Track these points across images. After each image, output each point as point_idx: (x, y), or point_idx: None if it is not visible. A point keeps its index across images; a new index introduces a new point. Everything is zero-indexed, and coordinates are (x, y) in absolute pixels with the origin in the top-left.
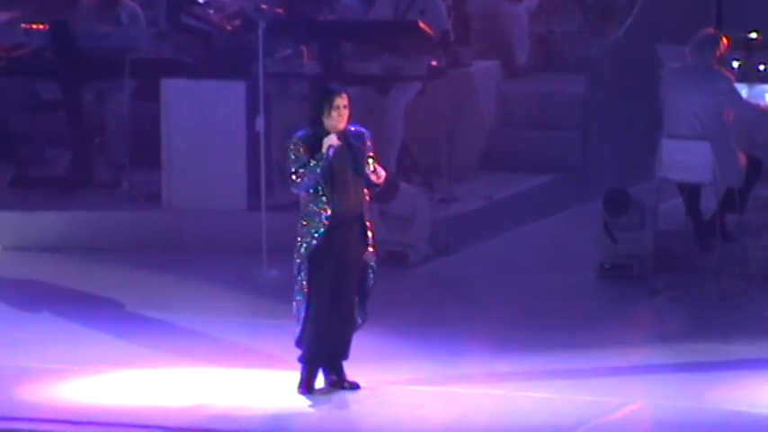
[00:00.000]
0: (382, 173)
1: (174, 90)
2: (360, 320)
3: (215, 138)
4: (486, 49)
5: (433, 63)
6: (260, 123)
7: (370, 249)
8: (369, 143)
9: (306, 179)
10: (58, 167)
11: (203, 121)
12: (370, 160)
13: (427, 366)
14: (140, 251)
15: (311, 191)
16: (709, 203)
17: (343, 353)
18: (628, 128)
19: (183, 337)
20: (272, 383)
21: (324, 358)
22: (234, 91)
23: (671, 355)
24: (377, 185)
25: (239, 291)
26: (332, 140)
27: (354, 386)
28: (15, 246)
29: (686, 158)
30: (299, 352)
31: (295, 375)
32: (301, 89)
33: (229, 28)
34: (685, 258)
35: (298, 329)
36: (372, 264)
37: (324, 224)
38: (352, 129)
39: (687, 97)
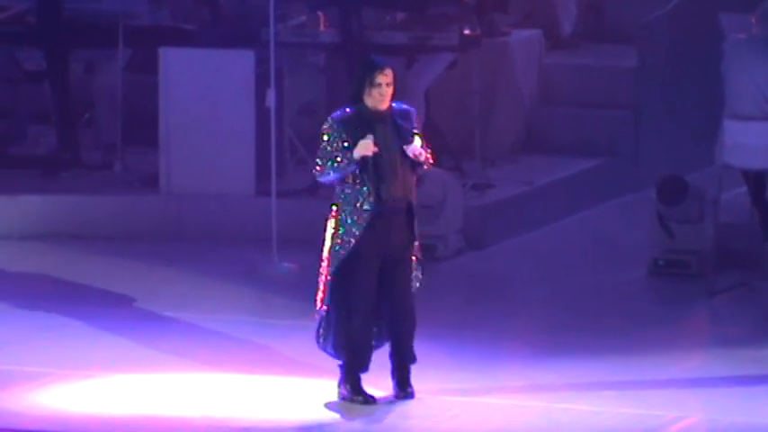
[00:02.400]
0: (426, 153)
1: (173, 60)
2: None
3: (220, 114)
4: (526, 16)
5: (466, 32)
6: (270, 98)
7: (418, 244)
8: (415, 123)
9: (332, 174)
10: (42, 146)
11: (206, 95)
12: (417, 140)
13: (457, 373)
14: (134, 240)
15: (358, 179)
16: None
17: (410, 355)
18: (686, 107)
19: (183, 337)
20: (284, 391)
21: (368, 364)
22: (241, 62)
23: (731, 363)
24: (422, 167)
25: (246, 286)
26: (367, 149)
27: (409, 395)
28: None
29: (751, 142)
30: (313, 355)
31: (309, 382)
32: (317, 60)
33: None
34: (749, 254)
35: (323, 331)
36: (421, 259)
37: (367, 214)
38: (395, 106)
39: (752, 73)
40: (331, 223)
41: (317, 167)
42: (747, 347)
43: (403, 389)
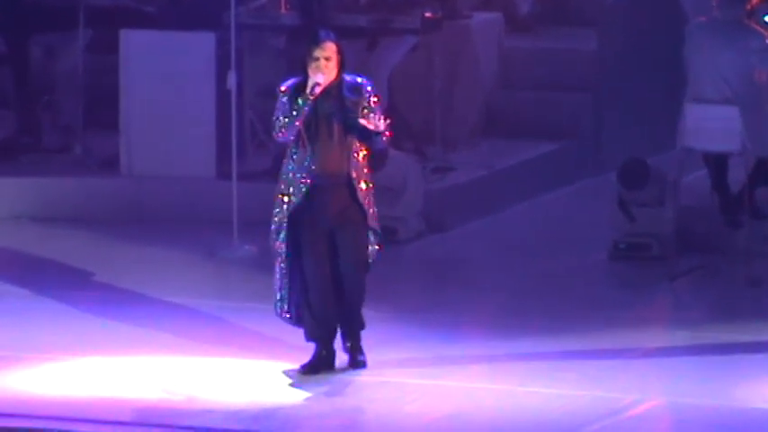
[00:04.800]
0: (379, 123)
1: (134, 42)
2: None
3: (180, 96)
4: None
5: (427, 14)
6: (231, 80)
7: (371, 213)
8: (369, 96)
9: (287, 129)
10: (1, 129)
11: (167, 77)
12: (366, 111)
13: (418, 357)
14: (95, 223)
15: (293, 149)
16: (737, 176)
17: (355, 325)
18: (647, 90)
19: (143, 320)
20: (244, 373)
21: (327, 334)
22: (202, 44)
23: (693, 346)
24: (374, 138)
25: (207, 268)
26: (316, 78)
27: (361, 364)
28: None
29: (712, 125)
30: (273, 338)
31: (268, 364)
32: (278, 43)
33: None
34: (710, 237)
35: (279, 302)
36: (375, 228)
37: (304, 184)
38: (348, 79)
39: (714, 56)
40: (276, 195)
41: (276, 126)
42: (708, 330)
43: (354, 357)
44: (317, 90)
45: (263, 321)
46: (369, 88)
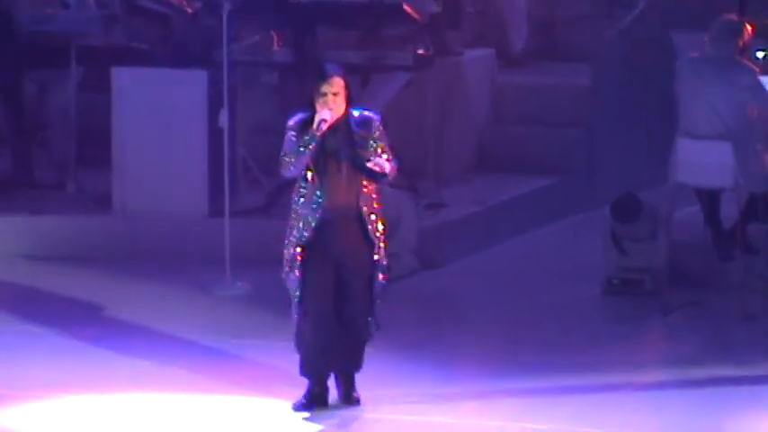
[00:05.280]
0: (385, 164)
1: (126, 79)
2: (372, 329)
3: (173, 134)
4: (479, 36)
5: (420, 51)
6: (223, 118)
7: (381, 247)
8: (376, 131)
9: (294, 165)
10: None
11: (159, 114)
12: (374, 145)
13: (412, 393)
14: (88, 260)
15: (302, 183)
16: (729, 211)
17: (352, 364)
18: (639, 125)
19: (135, 358)
20: (237, 411)
21: (321, 370)
22: (194, 81)
23: (686, 380)
24: (380, 179)
25: (199, 306)
26: (323, 114)
27: (356, 401)
28: None
29: (704, 160)
30: (266, 375)
31: (262, 401)
32: (271, 79)
33: (190, 10)
34: (703, 272)
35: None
36: (383, 265)
37: (313, 219)
38: (357, 114)
39: (706, 92)
40: (287, 229)
41: (284, 159)
42: (701, 366)
43: (347, 394)
44: (324, 126)
45: (255, 358)
46: (377, 123)
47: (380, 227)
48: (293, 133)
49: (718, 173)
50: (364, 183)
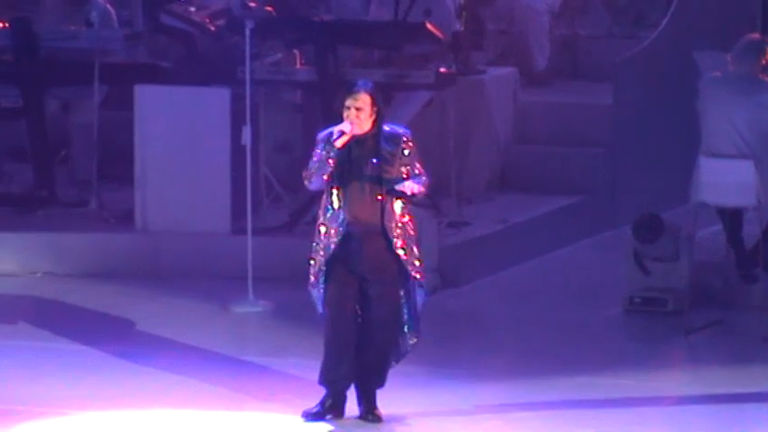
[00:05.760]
0: (414, 187)
1: (149, 97)
2: (410, 340)
3: (195, 151)
4: (501, 54)
5: (442, 70)
6: (246, 136)
7: (416, 264)
8: (405, 147)
9: (315, 174)
10: (17, 183)
11: (182, 132)
12: (404, 168)
13: (433, 411)
14: (110, 278)
15: (328, 197)
16: (752, 230)
17: (374, 379)
18: (661, 145)
19: (157, 375)
20: (258, 428)
21: (339, 381)
22: (217, 99)
23: (708, 400)
24: (409, 196)
25: (221, 323)
26: (342, 126)
27: (377, 419)
28: None
29: (727, 180)
30: (287, 392)
31: (283, 418)
32: (293, 97)
33: (213, 28)
34: (725, 292)
35: None
36: (417, 280)
37: (336, 233)
38: (388, 129)
39: (728, 111)
40: (312, 243)
41: (305, 172)
42: (723, 385)
43: (368, 411)
44: (341, 138)
45: (277, 376)
46: (405, 138)
47: (410, 243)
48: (320, 147)
49: (741, 192)
50: (391, 198)
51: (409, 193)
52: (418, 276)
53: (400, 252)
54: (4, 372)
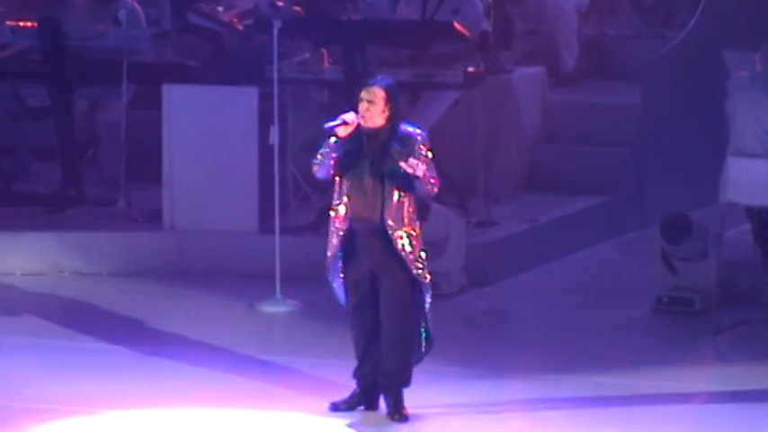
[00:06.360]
0: (419, 166)
1: (177, 97)
2: (422, 347)
3: (223, 151)
4: (529, 54)
5: (470, 69)
6: (274, 135)
7: (416, 263)
8: (418, 147)
9: (319, 163)
10: (45, 183)
11: (210, 131)
12: (412, 160)
13: (461, 411)
14: (138, 277)
15: (338, 191)
16: None
17: (395, 377)
18: (689, 144)
19: (184, 374)
20: (286, 427)
21: (365, 378)
22: (245, 98)
23: (736, 399)
24: (416, 186)
25: (248, 323)
26: (345, 115)
27: (403, 418)
28: None
29: (755, 179)
30: (314, 392)
31: (311, 418)
32: (321, 97)
33: (241, 28)
34: (753, 292)
35: None
36: (421, 281)
37: (340, 229)
38: (401, 128)
39: (757, 110)
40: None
41: (314, 161)
42: (751, 384)
43: (395, 410)
44: (343, 127)
45: (304, 375)
46: (419, 139)
47: (413, 242)
48: (330, 137)
49: None
50: (394, 198)
51: (413, 172)
52: (423, 277)
53: (403, 250)
54: (33, 371)
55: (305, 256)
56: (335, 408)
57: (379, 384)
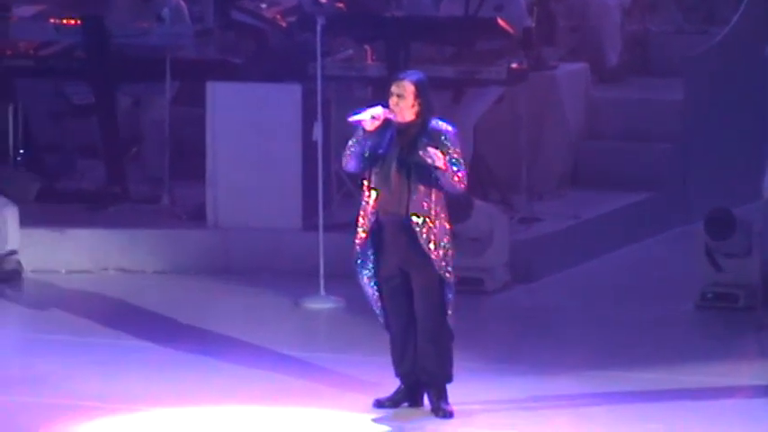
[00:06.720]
0: (436, 154)
1: (220, 94)
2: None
3: (267, 148)
4: (573, 50)
5: (514, 65)
6: (317, 131)
7: (440, 258)
8: (448, 142)
9: (349, 156)
10: (89, 180)
11: (253, 128)
12: (430, 149)
13: (505, 407)
14: (182, 274)
15: (367, 185)
16: None
17: (436, 374)
18: (733, 140)
19: (228, 371)
20: (330, 425)
21: (406, 375)
22: (288, 95)
23: None
24: (440, 178)
25: (292, 320)
26: (374, 110)
27: (447, 414)
28: (43, 267)
29: None
30: (357, 389)
31: (353, 416)
32: (364, 94)
33: (284, 24)
34: None
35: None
36: (444, 276)
37: (368, 221)
38: (432, 124)
39: None
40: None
41: (344, 153)
42: None
43: (438, 406)
44: (369, 121)
45: (348, 372)
46: (448, 135)
47: (438, 237)
48: (360, 128)
49: None
50: (421, 192)
51: (431, 162)
52: (446, 275)
53: (427, 246)
54: (78, 368)
55: (348, 253)
56: (380, 405)
57: (421, 381)
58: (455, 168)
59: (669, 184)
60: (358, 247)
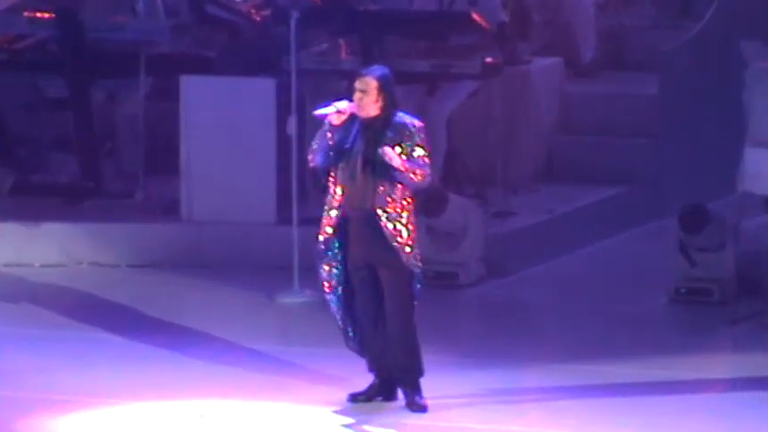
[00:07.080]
0: (392, 153)
1: (194, 88)
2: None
3: (241, 142)
4: (547, 45)
5: (488, 60)
6: (291, 126)
7: (407, 251)
8: (413, 136)
9: (314, 152)
10: (63, 174)
11: (227, 122)
12: (399, 149)
13: (478, 401)
14: (155, 268)
15: (332, 179)
16: None
17: (408, 369)
18: (707, 135)
19: (202, 365)
20: (303, 419)
21: (378, 368)
22: (262, 89)
23: (755, 389)
24: (397, 176)
25: (266, 314)
26: (339, 104)
27: (421, 408)
28: (16, 261)
29: None
30: (331, 383)
31: (327, 410)
32: (339, 87)
33: (258, 18)
34: None
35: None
36: (412, 269)
37: (332, 217)
38: (396, 118)
39: None
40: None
41: (309, 149)
42: None
43: (412, 400)
44: (335, 115)
45: (322, 366)
46: (413, 129)
47: (404, 231)
48: (325, 123)
49: None
50: (386, 186)
51: (390, 162)
52: (415, 269)
53: (392, 239)
54: (52, 362)
55: None
56: (354, 399)
57: (394, 377)
58: (417, 165)
59: (643, 178)
60: (322, 245)
